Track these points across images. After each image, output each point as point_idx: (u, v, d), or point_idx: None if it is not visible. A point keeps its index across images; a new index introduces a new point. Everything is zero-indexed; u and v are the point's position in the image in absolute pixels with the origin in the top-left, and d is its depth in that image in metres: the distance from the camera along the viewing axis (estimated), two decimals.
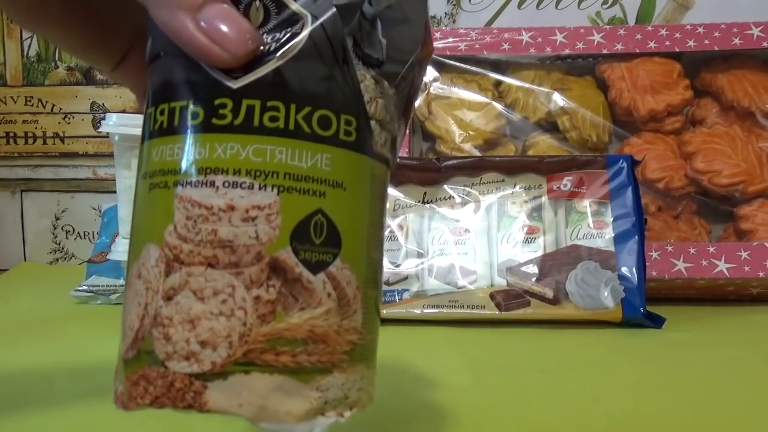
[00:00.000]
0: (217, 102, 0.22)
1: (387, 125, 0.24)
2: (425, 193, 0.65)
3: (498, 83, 0.81)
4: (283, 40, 0.22)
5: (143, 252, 0.22)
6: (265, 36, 0.22)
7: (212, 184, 0.21)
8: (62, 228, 1.09)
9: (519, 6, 0.98)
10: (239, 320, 0.21)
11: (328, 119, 0.22)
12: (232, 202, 0.21)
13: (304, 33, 0.22)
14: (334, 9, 0.22)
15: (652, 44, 0.77)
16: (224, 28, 0.21)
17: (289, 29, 0.22)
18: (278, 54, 0.22)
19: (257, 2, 0.22)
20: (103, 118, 0.73)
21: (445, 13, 1.00)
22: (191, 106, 0.22)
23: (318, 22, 0.22)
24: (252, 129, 0.22)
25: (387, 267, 0.62)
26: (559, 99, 0.78)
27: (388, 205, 0.27)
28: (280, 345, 0.21)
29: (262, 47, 0.22)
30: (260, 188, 0.21)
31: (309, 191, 0.22)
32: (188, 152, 0.22)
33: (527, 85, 0.79)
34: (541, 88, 0.79)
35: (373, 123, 0.23)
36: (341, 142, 0.22)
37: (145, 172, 0.23)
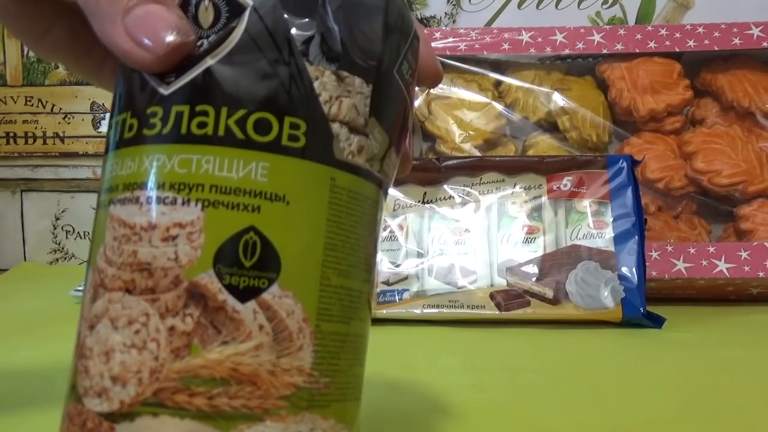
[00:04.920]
0: (149, 111, 0.20)
1: (360, 129, 0.21)
2: (425, 193, 0.65)
3: (498, 83, 0.81)
4: (219, 37, 0.20)
5: (86, 278, 0.21)
6: (209, 35, 0.20)
7: (137, 200, 0.20)
8: (62, 228, 1.09)
9: (519, 6, 0.98)
10: (151, 354, 0.19)
11: (266, 123, 0.20)
12: (153, 219, 0.19)
13: (240, 26, 0.20)
14: None
15: (652, 44, 0.77)
16: (146, 27, 0.20)
17: (229, 24, 0.20)
18: (212, 53, 0.20)
19: (206, 1, 0.20)
20: (103, 118, 0.73)
21: (445, 13, 1.00)
22: (128, 119, 0.20)
23: (256, 14, 0.20)
24: (179, 138, 0.19)
25: (387, 267, 0.62)
26: (559, 99, 0.78)
27: (388, 205, 0.24)
28: (195, 384, 0.18)
29: (199, 45, 0.20)
30: (183, 203, 0.19)
31: (239, 206, 0.19)
32: (122, 168, 0.20)
33: (527, 85, 0.79)
34: (541, 88, 0.79)
35: (336, 126, 0.20)
36: (284, 149, 0.20)
37: (98, 192, 0.22)
